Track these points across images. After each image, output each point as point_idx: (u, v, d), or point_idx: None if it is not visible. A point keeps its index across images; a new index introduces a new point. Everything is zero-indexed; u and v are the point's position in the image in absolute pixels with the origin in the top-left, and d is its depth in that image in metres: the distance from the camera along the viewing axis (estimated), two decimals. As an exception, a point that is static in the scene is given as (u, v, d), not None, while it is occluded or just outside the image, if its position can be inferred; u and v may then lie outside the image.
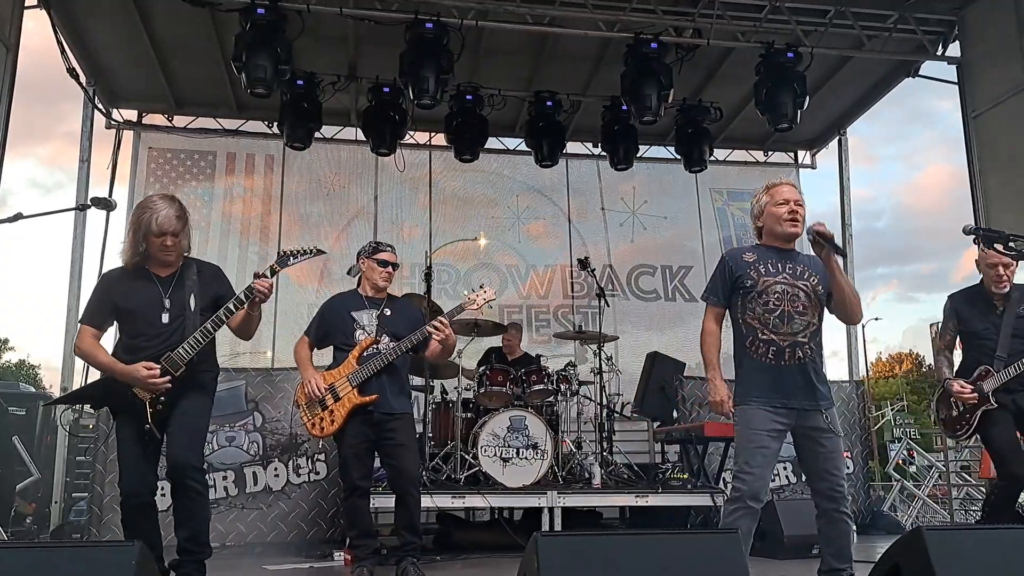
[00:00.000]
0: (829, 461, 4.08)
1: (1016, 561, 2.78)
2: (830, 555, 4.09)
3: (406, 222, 10.83)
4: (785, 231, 4.23)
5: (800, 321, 4.14)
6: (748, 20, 8.50)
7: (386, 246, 5.62)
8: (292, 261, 4.69)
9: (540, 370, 7.87)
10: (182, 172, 10.53)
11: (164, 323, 4.37)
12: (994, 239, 4.32)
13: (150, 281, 4.45)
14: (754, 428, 4.06)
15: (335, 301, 5.69)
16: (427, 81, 7.99)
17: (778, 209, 4.24)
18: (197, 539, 4.35)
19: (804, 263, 4.26)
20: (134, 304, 4.40)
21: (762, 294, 4.17)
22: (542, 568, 2.68)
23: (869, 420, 9.90)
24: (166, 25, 8.71)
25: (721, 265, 4.40)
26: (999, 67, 8.24)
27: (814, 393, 4.11)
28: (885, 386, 42.56)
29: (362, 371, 5.27)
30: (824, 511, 4.10)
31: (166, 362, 4.25)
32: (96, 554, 2.73)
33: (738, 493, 4.00)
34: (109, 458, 7.19)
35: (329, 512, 7.36)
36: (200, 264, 4.67)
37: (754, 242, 4.47)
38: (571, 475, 7.68)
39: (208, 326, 4.35)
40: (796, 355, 4.11)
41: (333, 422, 5.28)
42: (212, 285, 4.60)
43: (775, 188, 4.32)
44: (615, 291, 11.09)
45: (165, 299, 4.40)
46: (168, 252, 4.42)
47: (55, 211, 4.66)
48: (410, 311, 5.69)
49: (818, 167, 12.05)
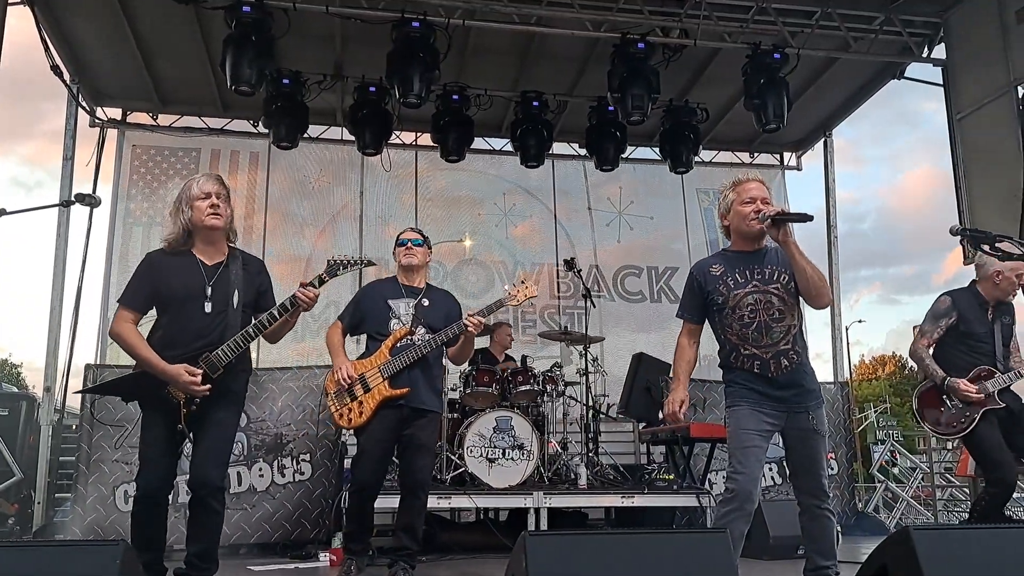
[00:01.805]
0: (811, 460, 4.08)
1: (1004, 561, 2.78)
2: (814, 552, 4.09)
3: (392, 221, 10.78)
4: (750, 230, 4.12)
5: (779, 329, 4.08)
6: (735, 21, 8.51)
7: (410, 229, 5.54)
8: (341, 272, 4.53)
9: (526, 371, 7.87)
10: (166, 169, 10.48)
11: (206, 313, 4.18)
12: (981, 240, 4.32)
13: (195, 267, 4.24)
14: (744, 428, 4.06)
15: (373, 287, 5.56)
16: (413, 81, 7.98)
17: (744, 208, 4.13)
18: (207, 555, 4.24)
19: (773, 262, 4.15)
20: (176, 290, 4.19)
21: (735, 309, 4.12)
22: (530, 567, 2.67)
23: (852, 422, 9.92)
24: (151, 23, 8.64)
25: (690, 281, 4.34)
26: (983, 69, 8.28)
27: (803, 395, 4.11)
28: (868, 388, 42.79)
29: (395, 362, 5.09)
30: (806, 508, 4.11)
31: (205, 363, 4.09)
32: (82, 554, 2.70)
33: (731, 494, 3.99)
34: (92, 458, 7.14)
35: (314, 512, 7.31)
36: (246, 257, 4.48)
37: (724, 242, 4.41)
38: (557, 476, 7.68)
39: (250, 331, 4.20)
40: (782, 364, 4.08)
41: (362, 414, 5.09)
42: (256, 279, 4.43)
43: (741, 185, 4.21)
44: (601, 292, 11.10)
45: (208, 287, 4.21)
46: (217, 215, 4.23)
47: (39, 207, 4.56)
48: (448, 303, 5.50)
49: (804, 169, 12.09)
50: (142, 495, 4.19)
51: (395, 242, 5.49)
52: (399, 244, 5.44)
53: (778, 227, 3.97)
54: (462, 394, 7.72)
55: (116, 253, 10.06)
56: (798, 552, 6.54)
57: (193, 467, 4.17)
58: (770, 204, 4.13)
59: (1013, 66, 7.88)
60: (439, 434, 6.79)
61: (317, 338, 9.79)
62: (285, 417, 7.53)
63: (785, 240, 3.98)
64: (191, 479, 4.18)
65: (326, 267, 4.53)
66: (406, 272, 5.42)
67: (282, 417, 7.53)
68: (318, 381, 7.58)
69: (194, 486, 4.18)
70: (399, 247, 5.44)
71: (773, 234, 3.99)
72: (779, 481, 8.73)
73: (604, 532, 3.20)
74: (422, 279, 5.47)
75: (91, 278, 9.51)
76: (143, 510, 4.20)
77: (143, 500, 4.19)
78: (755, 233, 4.13)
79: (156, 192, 10.40)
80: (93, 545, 2.85)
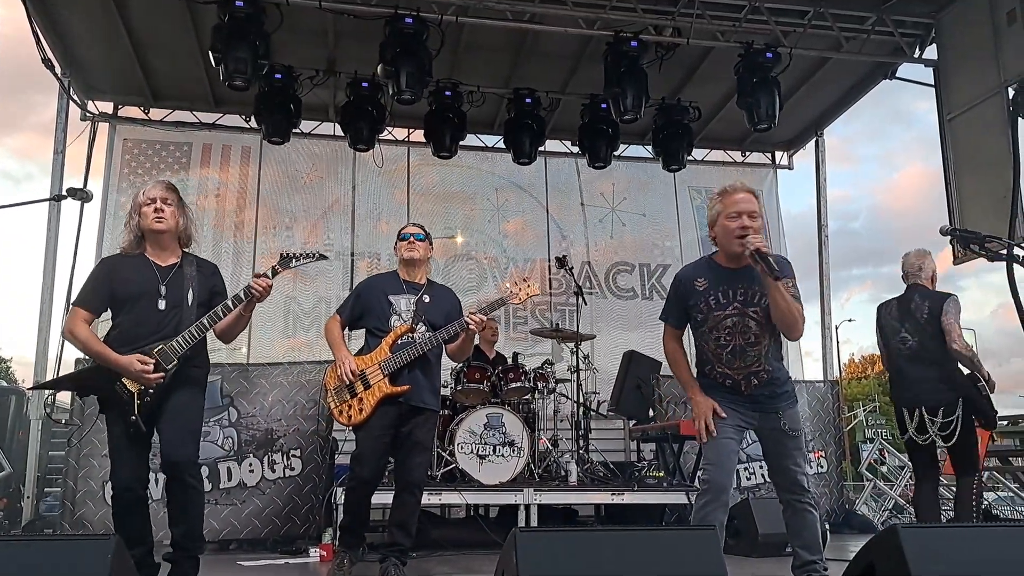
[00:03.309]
0: (787, 456, 4.11)
1: (989, 559, 2.80)
2: (800, 548, 4.11)
3: (383, 216, 10.78)
4: (733, 250, 4.05)
5: (752, 353, 4.08)
6: (728, 20, 8.53)
7: (412, 224, 5.51)
8: (294, 264, 4.58)
9: (517, 368, 7.88)
10: (157, 163, 10.45)
11: (160, 310, 4.28)
12: (970, 240, 4.35)
13: (148, 268, 4.36)
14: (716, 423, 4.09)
15: (373, 281, 5.50)
16: (406, 77, 7.97)
17: (729, 223, 4.04)
18: (192, 535, 4.29)
19: (755, 283, 4.08)
20: (131, 289, 4.30)
21: (713, 330, 4.12)
22: (521, 563, 2.68)
23: (842, 420, 9.94)
24: (143, 17, 8.62)
25: (675, 287, 4.32)
26: (974, 70, 8.32)
27: (774, 398, 4.13)
28: (858, 387, 42.79)
29: (395, 360, 5.05)
30: (787, 503, 4.14)
31: (159, 355, 4.16)
32: (73, 548, 2.70)
33: (706, 485, 4.05)
34: (82, 453, 7.12)
35: (303, 508, 7.30)
36: (200, 260, 4.58)
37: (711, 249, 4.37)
38: (547, 473, 7.70)
39: (204, 321, 4.27)
40: (752, 383, 4.10)
41: (362, 411, 5.04)
42: (210, 280, 4.52)
43: (729, 196, 4.09)
44: (593, 289, 11.11)
45: (162, 286, 4.31)
46: (161, 218, 4.34)
47: (30, 201, 4.58)
48: (449, 300, 5.45)
49: (795, 168, 12.15)
50: (118, 492, 4.26)
51: (397, 236, 5.44)
52: (401, 238, 5.39)
53: (757, 262, 3.91)
54: (453, 391, 7.72)
55: (106, 247, 10.01)
56: (786, 550, 6.56)
57: (163, 449, 4.22)
58: (757, 219, 4.06)
59: (1004, 67, 7.92)
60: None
61: (308, 333, 9.80)
62: (275, 412, 7.52)
63: (764, 275, 3.92)
64: (163, 463, 4.23)
65: (279, 259, 4.59)
66: (407, 267, 5.37)
67: (272, 412, 7.52)
68: (309, 377, 7.58)
69: (167, 468, 4.24)
70: (401, 241, 5.38)
71: (753, 264, 3.95)
72: (768, 480, 8.75)
73: (594, 529, 3.21)
74: (423, 274, 5.44)
75: (81, 272, 9.49)
76: (122, 506, 4.26)
77: (120, 496, 4.25)
78: (739, 253, 4.05)
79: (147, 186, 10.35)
80: (85, 539, 2.86)
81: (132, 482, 4.23)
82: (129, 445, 4.23)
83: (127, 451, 4.23)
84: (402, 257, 5.38)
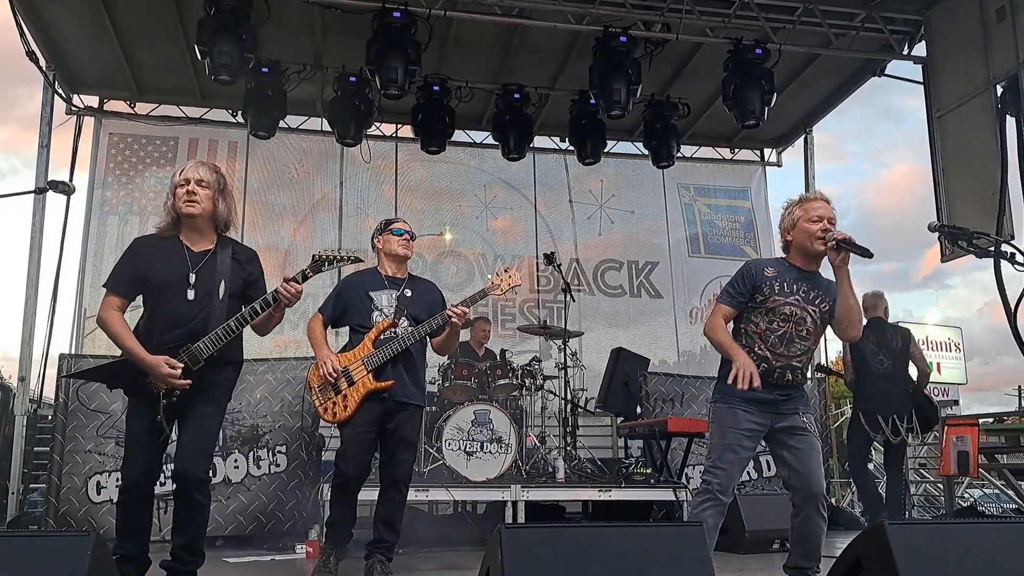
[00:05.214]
0: (806, 461, 4.09)
1: (976, 555, 2.79)
2: (799, 553, 4.11)
3: (371, 212, 10.73)
4: (815, 250, 4.14)
5: (800, 346, 4.15)
6: (717, 16, 8.52)
7: (398, 219, 5.44)
8: (326, 267, 4.38)
9: (505, 365, 7.86)
10: (143, 157, 10.40)
11: (188, 300, 4.09)
12: (958, 236, 4.35)
13: (179, 253, 4.16)
14: (730, 427, 4.09)
15: (353, 279, 5.42)
16: (394, 71, 7.94)
17: (811, 226, 4.14)
18: (192, 548, 4.21)
19: (821, 288, 4.21)
20: (160, 276, 4.11)
21: (771, 311, 4.16)
22: (506, 560, 2.65)
23: (829, 418, 9.97)
24: (129, 10, 8.56)
25: (744, 271, 4.31)
26: (963, 68, 8.32)
27: (794, 399, 4.16)
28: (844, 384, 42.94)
29: (378, 355, 5.00)
30: (800, 510, 4.11)
31: (186, 355, 4.01)
32: (52, 545, 2.67)
33: (708, 486, 4.04)
34: (67, 448, 7.06)
35: (288, 504, 7.26)
36: (237, 246, 4.39)
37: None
38: (535, 469, 7.68)
39: (232, 324, 4.10)
40: (785, 376, 4.13)
41: (346, 408, 4.99)
42: (246, 268, 4.34)
43: (809, 203, 4.21)
44: (581, 286, 11.09)
45: (192, 273, 4.12)
46: (193, 201, 4.12)
47: (13, 194, 4.51)
48: (431, 294, 5.41)
49: (784, 165, 12.15)
50: (126, 485, 4.16)
51: (383, 228, 5.38)
52: (394, 233, 5.32)
53: (839, 252, 4.02)
54: (440, 387, 7.71)
55: (92, 242, 9.97)
56: (773, 546, 6.59)
57: (176, 459, 4.11)
58: (835, 224, 4.16)
59: (993, 64, 7.92)
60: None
61: (296, 330, 9.73)
62: (262, 408, 7.47)
63: (841, 266, 4.05)
64: (174, 471, 4.12)
65: (310, 262, 4.39)
66: (395, 262, 5.33)
67: (259, 408, 7.48)
68: (295, 373, 7.54)
69: (177, 478, 4.12)
70: (394, 236, 5.31)
71: (832, 256, 4.05)
72: (755, 476, 8.76)
73: (580, 524, 3.19)
74: (405, 270, 5.40)
75: (67, 267, 9.44)
76: (127, 500, 4.15)
77: (127, 490, 4.15)
78: (818, 253, 4.15)
79: (133, 181, 10.32)
80: (64, 536, 2.82)
81: (142, 480, 4.14)
82: (148, 443, 4.12)
83: (145, 449, 4.12)
84: (395, 252, 5.31)
